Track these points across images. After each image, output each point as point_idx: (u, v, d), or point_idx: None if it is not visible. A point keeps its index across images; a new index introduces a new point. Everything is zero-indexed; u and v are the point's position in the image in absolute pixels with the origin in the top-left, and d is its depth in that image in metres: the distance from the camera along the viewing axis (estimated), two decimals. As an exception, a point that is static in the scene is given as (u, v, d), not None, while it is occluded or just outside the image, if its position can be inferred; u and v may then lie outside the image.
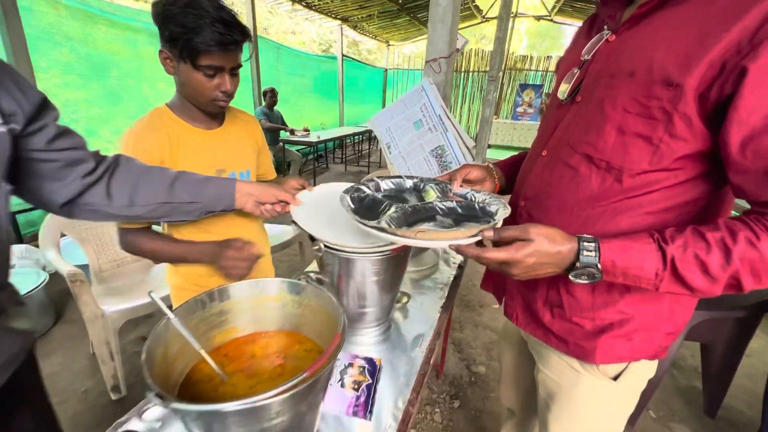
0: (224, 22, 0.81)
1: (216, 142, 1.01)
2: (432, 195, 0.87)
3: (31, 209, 2.98)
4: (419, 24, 9.06)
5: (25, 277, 2.24)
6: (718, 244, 0.55)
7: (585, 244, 0.61)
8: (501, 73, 6.15)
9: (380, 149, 6.21)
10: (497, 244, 0.66)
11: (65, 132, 0.67)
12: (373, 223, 0.67)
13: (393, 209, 0.74)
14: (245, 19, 5.41)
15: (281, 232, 2.59)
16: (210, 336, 0.69)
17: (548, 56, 9.65)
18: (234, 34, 0.83)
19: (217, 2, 0.82)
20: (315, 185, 1.02)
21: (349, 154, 7.77)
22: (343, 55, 8.21)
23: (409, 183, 0.92)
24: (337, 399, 0.81)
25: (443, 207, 0.77)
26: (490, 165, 0.99)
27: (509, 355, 1.14)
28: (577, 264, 0.61)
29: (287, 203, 0.90)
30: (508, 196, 0.95)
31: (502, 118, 9.88)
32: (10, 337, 0.66)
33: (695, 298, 0.72)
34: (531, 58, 9.77)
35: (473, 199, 0.84)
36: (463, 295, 2.82)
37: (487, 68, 9.34)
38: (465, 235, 0.64)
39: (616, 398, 0.82)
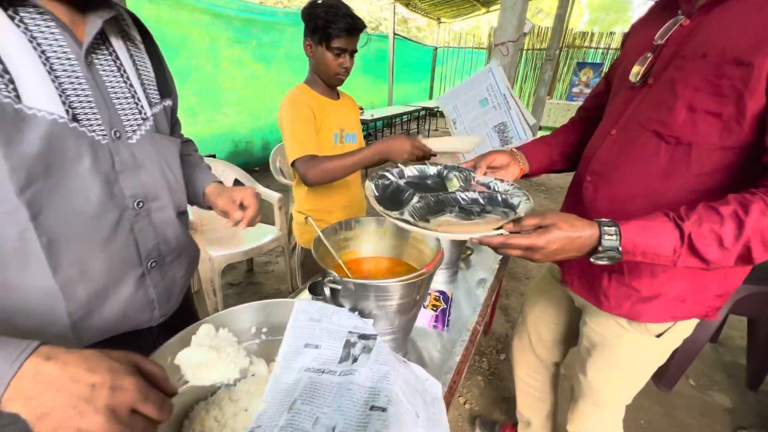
0: (351, 15, 1.18)
1: (337, 110, 1.35)
2: (455, 184, 0.89)
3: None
4: (474, 0, 8.84)
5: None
6: (732, 216, 0.58)
7: (606, 228, 0.63)
8: (558, 52, 5.96)
9: (429, 130, 6.27)
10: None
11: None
12: (396, 214, 0.69)
13: (416, 199, 0.76)
14: None
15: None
16: (338, 254, 0.94)
17: (611, 32, 9.07)
18: (357, 24, 1.17)
19: (346, 5, 1.16)
20: None
21: (397, 133, 7.94)
22: (394, 34, 8.27)
23: (432, 170, 0.94)
24: (422, 316, 1.05)
25: (465, 198, 0.79)
26: (513, 150, 1.05)
27: (548, 309, 1.20)
28: (599, 248, 0.63)
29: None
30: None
31: (555, 99, 9.51)
32: (193, 242, 0.85)
33: (709, 271, 0.73)
34: (591, 34, 9.23)
35: (496, 189, 0.85)
36: (510, 267, 2.98)
37: (543, 46, 8.97)
38: (487, 229, 0.65)
39: (654, 352, 0.91)
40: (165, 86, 0.72)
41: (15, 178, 0.49)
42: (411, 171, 0.93)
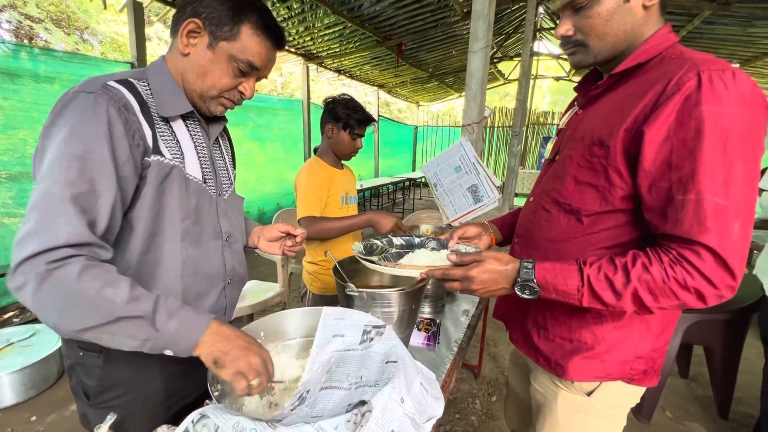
0: (364, 111, 1.59)
1: (342, 178, 1.68)
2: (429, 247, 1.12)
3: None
4: (447, 87, 10.10)
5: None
6: (622, 266, 0.68)
7: (524, 263, 0.75)
8: (524, 128, 6.79)
9: (413, 198, 6.73)
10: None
11: None
12: (365, 256, 0.94)
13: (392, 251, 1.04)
14: (302, 89, 6.46)
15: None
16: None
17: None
18: (371, 118, 1.57)
19: (358, 102, 1.57)
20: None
21: (384, 203, 8.44)
22: (378, 116, 9.24)
23: (417, 240, 1.18)
24: (417, 336, 1.28)
25: (429, 249, 1.08)
26: (485, 222, 1.19)
27: (516, 377, 1.23)
28: (518, 279, 0.75)
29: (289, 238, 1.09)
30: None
31: (527, 168, 10.41)
32: (246, 272, 1.21)
33: (614, 312, 0.79)
34: (552, 113, 10.48)
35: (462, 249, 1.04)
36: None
37: (511, 123, 10.09)
38: (432, 263, 0.88)
39: (591, 412, 0.90)
40: (234, 163, 1.06)
41: (181, 213, 0.77)
42: (399, 240, 1.18)
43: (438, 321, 1.39)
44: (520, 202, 9.10)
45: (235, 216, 0.96)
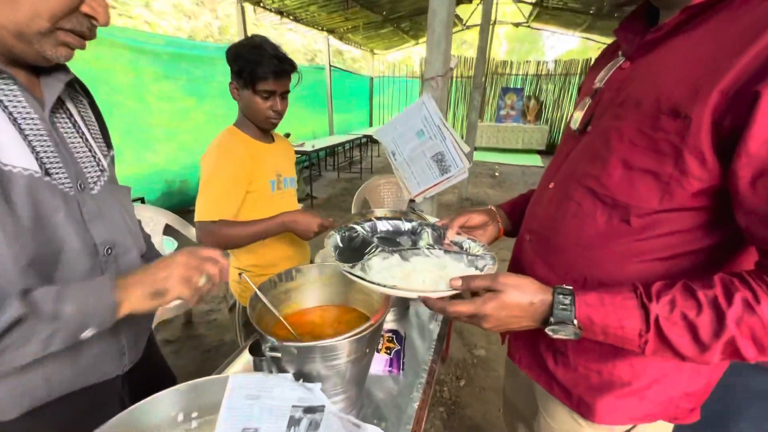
0: (278, 57, 1.11)
1: (273, 153, 1.27)
2: (426, 241, 0.88)
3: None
4: (403, 33, 9.36)
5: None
6: (710, 303, 0.47)
7: (559, 297, 0.54)
8: (483, 79, 6.45)
9: (371, 156, 6.38)
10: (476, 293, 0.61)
11: None
12: (348, 266, 0.69)
13: (377, 251, 0.79)
14: (237, 33, 5.60)
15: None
16: (279, 309, 0.87)
17: (527, 60, 10.07)
18: (285, 65, 1.11)
19: (274, 44, 1.11)
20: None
21: (340, 161, 7.95)
22: (330, 66, 8.43)
23: (407, 226, 0.92)
24: (375, 361, 1.00)
25: (429, 255, 0.79)
26: (492, 208, 0.96)
27: (519, 393, 0.99)
28: (551, 319, 0.54)
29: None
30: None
31: (486, 121, 10.22)
32: None
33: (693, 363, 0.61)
34: (511, 63, 10.16)
35: (468, 249, 0.83)
36: (461, 288, 3.03)
37: (470, 74, 9.68)
38: (433, 289, 0.63)
39: None
40: (108, 138, 0.78)
41: (6, 232, 0.52)
42: (384, 225, 0.91)
43: (402, 333, 1.12)
44: (479, 156, 9.00)
45: (118, 217, 0.72)
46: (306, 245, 1.44)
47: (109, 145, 0.78)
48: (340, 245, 0.80)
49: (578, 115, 0.72)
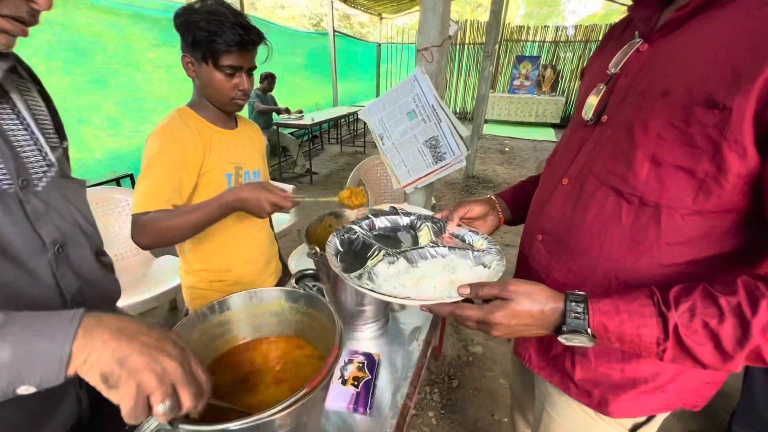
0: (242, 25, 0.90)
1: (234, 141, 1.08)
2: (427, 236, 0.84)
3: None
4: (412, -5, 8.74)
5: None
6: (733, 310, 0.45)
7: (571, 304, 0.53)
8: (497, 46, 6.00)
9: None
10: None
11: None
12: (354, 276, 0.67)
13: (381, 255, 0.74)
14: (231, -4, 5.23)
15: (279, 221, 2.60)
16: (213, 346, 0.71)
17: (545, 26, 9.39)
18: (251, 36, 0.91)
19: (235, 9, 0.90)
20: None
21: (344, 134, 7.67)
22: (334, 31, 7.96)
23: (405, 220, 0.90)
24: (338, 396, 0.85)
25: (434, 254, 0.75)
26: (492, 197, 0.93)
27: (527, 390, 1.00)
28: (564, 328, 0.53)
29: None
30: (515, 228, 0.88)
31: (498, 92, 9.72)
32: (115, 283, 0.80)
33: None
34: (528, 28, 9.50)
35: (471, 243, 0.81)
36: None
37: (483, 40, 9.11)
38: (443, 297, 0.61)
39: None
40: (60, 127, 0.73)
41: None
42: (382, 222, 0.88)
43: (377, 358, 0.96)
44: (489, 129, 8.60)
45: (66, 212, 0.66)
46: (272, 247, 1.27)
47: (62, 136, 0.72)
48: (341, 249, 0.77)
49: (593, 101, 0.66)
